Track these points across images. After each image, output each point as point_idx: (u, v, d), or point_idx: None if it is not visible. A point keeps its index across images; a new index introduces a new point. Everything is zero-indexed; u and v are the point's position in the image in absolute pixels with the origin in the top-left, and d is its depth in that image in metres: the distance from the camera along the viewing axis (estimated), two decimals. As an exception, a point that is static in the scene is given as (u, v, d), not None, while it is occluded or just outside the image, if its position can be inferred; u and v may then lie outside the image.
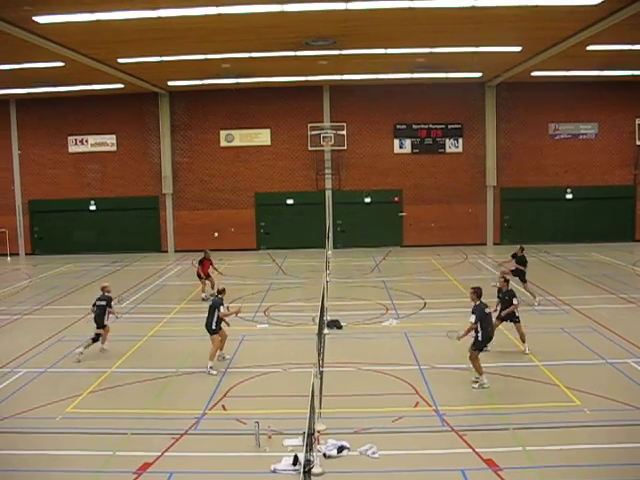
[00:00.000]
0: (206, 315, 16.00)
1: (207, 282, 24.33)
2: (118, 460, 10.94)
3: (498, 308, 16.84)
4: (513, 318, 16.59)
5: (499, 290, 17.03)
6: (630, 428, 11.75)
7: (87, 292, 26.48)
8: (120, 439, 11.73)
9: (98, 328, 17.34)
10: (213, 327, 15.84)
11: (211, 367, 15.51)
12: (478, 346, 14.24)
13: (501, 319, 16.63)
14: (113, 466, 10.75)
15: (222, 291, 16.47)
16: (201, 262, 24.50)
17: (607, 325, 18.83)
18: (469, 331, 14.26)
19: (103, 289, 18.06)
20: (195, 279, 24.78)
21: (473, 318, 14.13)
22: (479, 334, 14.18)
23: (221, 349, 16.39)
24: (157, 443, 11.47)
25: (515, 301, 16.48)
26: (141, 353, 17.44)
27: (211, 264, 24.67)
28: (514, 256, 22.74)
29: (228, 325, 16.59)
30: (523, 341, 16.55)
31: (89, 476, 10.47)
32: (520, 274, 22.33)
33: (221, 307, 15.88)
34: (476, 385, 14.11)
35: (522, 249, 22.86)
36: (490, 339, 14.50)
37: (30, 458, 11.15)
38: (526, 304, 21.44)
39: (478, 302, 14.46)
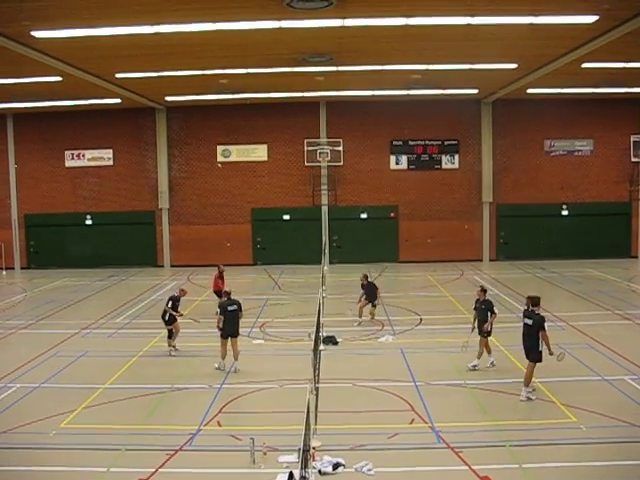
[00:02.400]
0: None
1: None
2: (112, 476, 10.86)
3: (475, 324, 16.65)
4: (482, 331, 16.40)
5: (476, 300, 16.94)
6: (627, 445, 11.71)
7: (82, 307, 26.50)
8: (114, 455, 11.64)
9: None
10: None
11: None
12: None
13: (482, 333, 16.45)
14: (107, 482, 10.68)
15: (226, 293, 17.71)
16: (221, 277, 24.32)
17: (603, 342, 18.82)
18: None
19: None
20: (190, 294, 24.64)
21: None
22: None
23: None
24: (151, 459, 11.38)
25: (496, 310, 16.40)
26: (136, 368, 17.35)
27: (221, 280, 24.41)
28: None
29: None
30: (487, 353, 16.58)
31: (83, 492, 10.41)
32: None
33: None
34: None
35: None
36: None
37: (24, 474, 11.07)
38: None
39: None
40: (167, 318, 18.41)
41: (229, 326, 16.77)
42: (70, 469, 11.17)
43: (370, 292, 22.19)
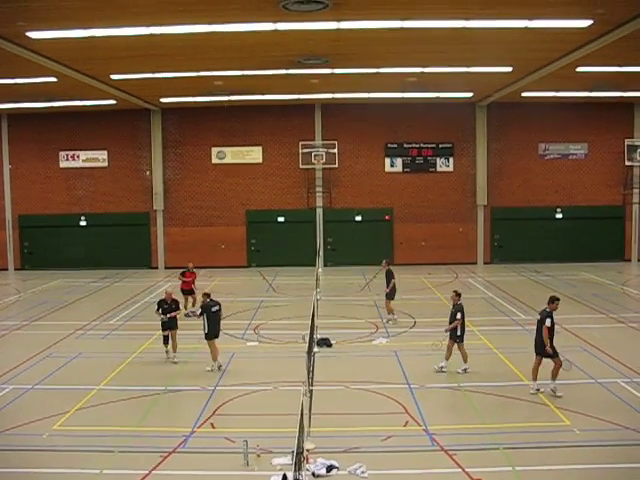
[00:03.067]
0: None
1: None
2: (105, 478, 10.85)
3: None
4: (454, 336, 16.42)
5: (453, 305, 16.95)
6: (620, 448, 11.75)
7: (77, 308, 26.45)
8: (107, 457, 11.62)
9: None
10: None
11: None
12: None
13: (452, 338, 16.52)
14: (100, 484, 10.67)
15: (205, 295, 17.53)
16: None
17: (597, 345, 18.87)
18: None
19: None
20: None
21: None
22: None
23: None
24: (145, 461, 11.37)
25: (459, 316, 16.35)
26: (129, 370, 17.32)
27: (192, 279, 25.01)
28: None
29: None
30: (446, 358, 16.60)
31: (76, 494, 10.39)
32: None
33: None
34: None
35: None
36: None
37: (17, 476, 11.03)
38: (516, 323, 21.48)
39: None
40: (168, 323, 17.94)
41: (214, 326, 17.01)
42: (63, 471, 11.15)
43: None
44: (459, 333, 16.39)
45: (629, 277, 33.46)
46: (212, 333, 16.96)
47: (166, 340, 17.96)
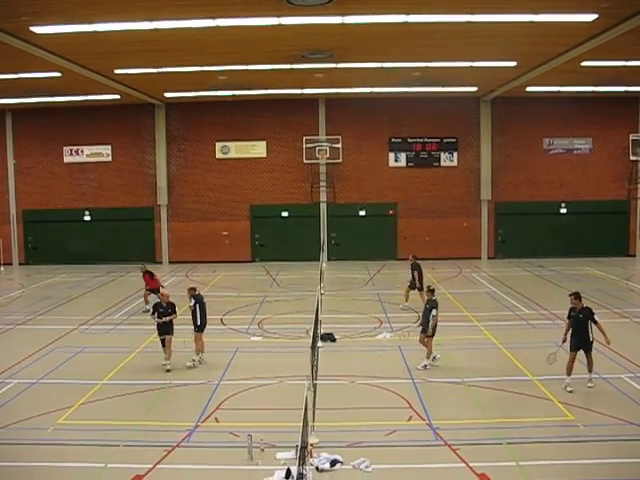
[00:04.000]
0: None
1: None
2: (110, 472, 10.88)
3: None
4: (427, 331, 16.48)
5: (427, 301, 16.97)
6: (624, 443, 11.73)
7: (80, 303, 26.50)
8: (112, 451, 11.65)
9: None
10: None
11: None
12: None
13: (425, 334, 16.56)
14: (105, 478, 10.69)
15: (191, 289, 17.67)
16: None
17: (601, 340, 18.81)
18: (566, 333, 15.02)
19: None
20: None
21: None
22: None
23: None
24: (149, 455, 11.40)
25: (434, 312, 16.37)
26: (133, 365, 17.35)
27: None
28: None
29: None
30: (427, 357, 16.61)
31: (80, 488, 10.42)
32: None
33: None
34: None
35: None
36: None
37: (21, 470, 11.07)
38: (520, 318, 21.46)
39: (582, 306, 15.02)
40: (163, 328, 16.95)
41: (204, 319, 17.25)
42: (68, 465, 11.18)
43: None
44: (431, 329, 16.37)
45: (633, 272, 33.40)
46: (203, 325, 17.21)
47: (163, 344, 17.15)
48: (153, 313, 17.16)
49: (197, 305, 17.15)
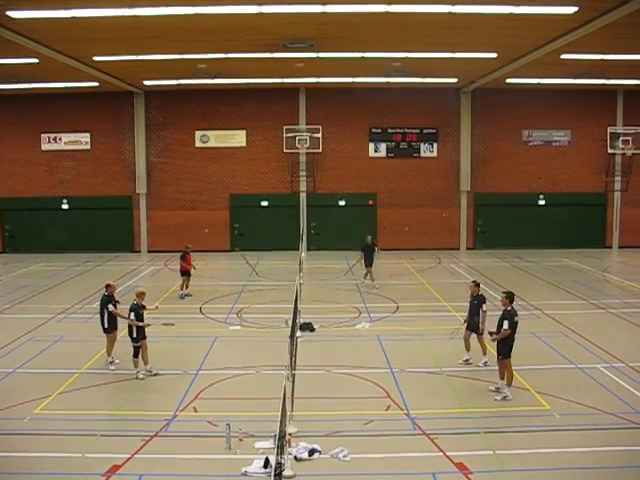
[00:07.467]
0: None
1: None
2: (87, 462, 10.82)
3: None
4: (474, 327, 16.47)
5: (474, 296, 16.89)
6: (599, 432, 11.89)
7: (58, 291, 26.30)
8: (89, 441, 11.60)
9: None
10: (105, 326, 15.99)
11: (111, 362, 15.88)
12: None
13: None
14: (82, 468, 10.63)
15: (108, 286, 16.46)
16: (183, 257, 24.51)
17: (577, 330, 19.04)
18: (503, 336, 13.96)
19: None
20: (167, 279, 24.62)
21: (507, 324, 13.90)
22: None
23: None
24: (127, 445, 11.37)
25: (484, 307, 16.35)
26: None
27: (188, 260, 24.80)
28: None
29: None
30: None
31: (58, 478, 10.35)
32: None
33: (109, 305, 15.95)
34: (499, 397, 13.71)
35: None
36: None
37: (-3, 459, 11.01)
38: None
39: (509, 307, 14.34)
40: (135, 335, 15.23)
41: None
42: (45, 455, 11.12)
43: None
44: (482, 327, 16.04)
45: (610, 264, 33.77)
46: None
47: (138, 352, 15.29)
48: (129, 316, 15.22)
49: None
